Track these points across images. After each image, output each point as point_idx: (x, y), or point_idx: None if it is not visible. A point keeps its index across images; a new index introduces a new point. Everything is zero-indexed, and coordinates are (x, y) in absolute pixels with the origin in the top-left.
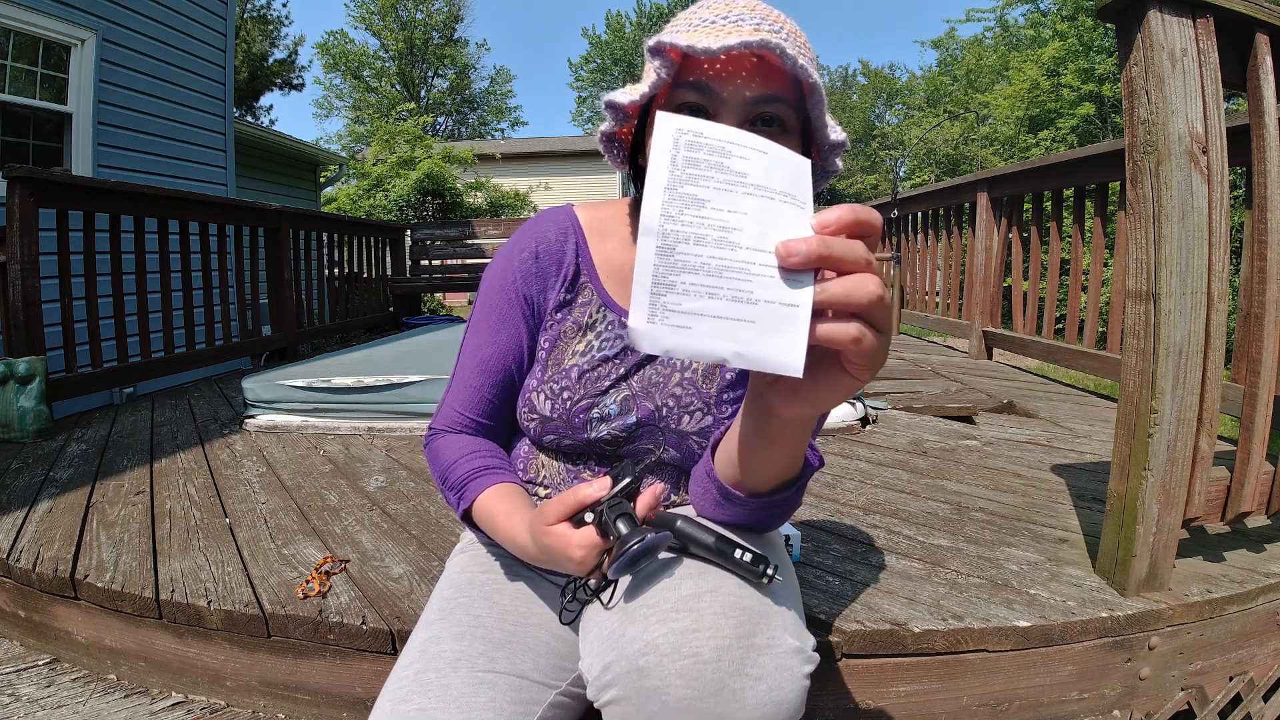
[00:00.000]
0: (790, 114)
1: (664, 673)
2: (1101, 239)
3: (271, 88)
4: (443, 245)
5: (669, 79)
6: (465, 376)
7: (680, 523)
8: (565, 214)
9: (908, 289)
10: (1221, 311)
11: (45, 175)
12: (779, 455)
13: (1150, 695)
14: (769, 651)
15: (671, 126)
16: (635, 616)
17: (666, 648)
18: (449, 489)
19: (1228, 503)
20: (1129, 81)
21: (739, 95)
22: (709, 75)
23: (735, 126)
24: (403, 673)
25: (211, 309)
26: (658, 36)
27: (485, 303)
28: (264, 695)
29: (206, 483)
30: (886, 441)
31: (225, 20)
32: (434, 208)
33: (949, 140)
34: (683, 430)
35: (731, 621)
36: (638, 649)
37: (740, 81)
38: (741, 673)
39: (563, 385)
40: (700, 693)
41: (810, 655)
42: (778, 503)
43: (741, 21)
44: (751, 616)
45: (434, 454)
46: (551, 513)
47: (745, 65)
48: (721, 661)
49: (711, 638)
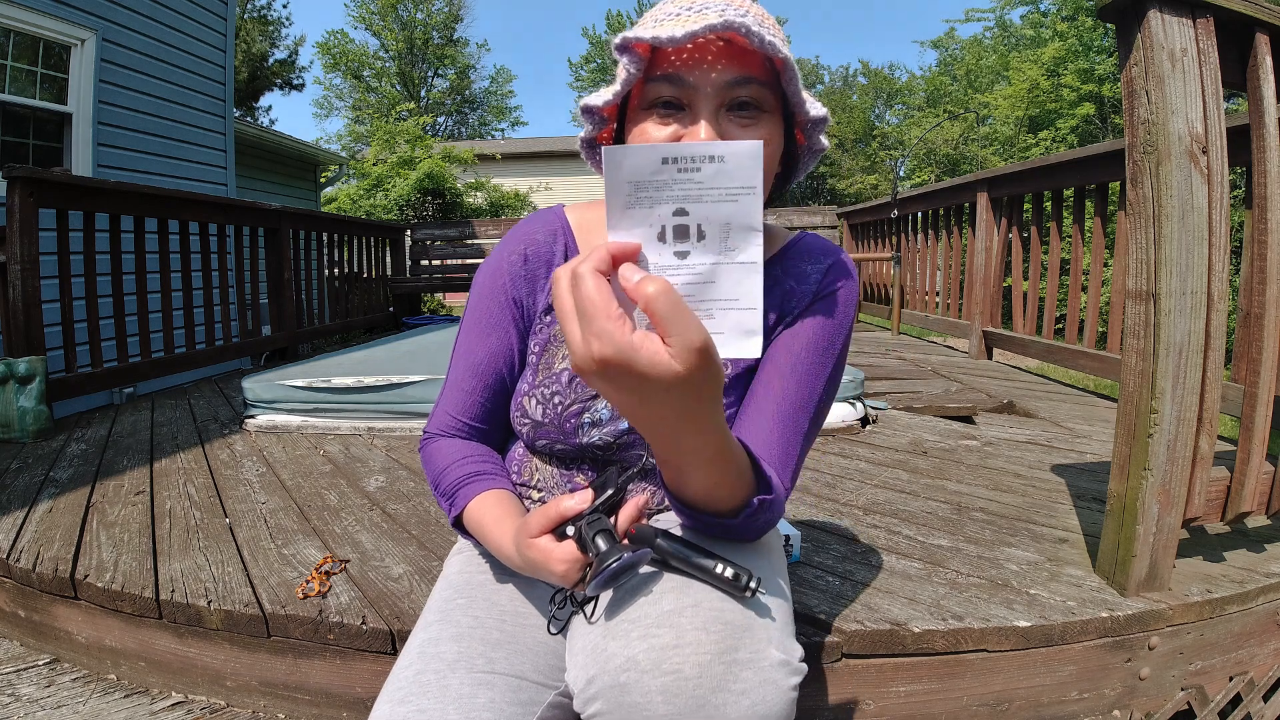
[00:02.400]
0: (766, 94)
1: (645, 689)
2: (1101, 239)
3: (271, 88)
4: (443, 245)
5: (640, 74)
6: (458, 380)
7: (660, 539)
8: (555, 215)
9: (908, 289)
10: (1221, 311)
11: (45, 175)
12: (692, 472)
13: (1150, 695)
14: (752, 666)
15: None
16: (617, 632)
17: (647, 664)
18: (441, 495)
19: (1228, 503)
20: (1129, 81)
21: (711, 81)
22: (678, 66)
23: (713, 114)
24: (402, 674)
25: (211, 309)
26: (623, 34)
27: (476, 305)
28: (264, 695)
29: (206, 483)
30: (886, 441)
31: (225, 20)
32: (434, 208)
33: (949, 140)
34: None
35: (713, 637)
36: (619, 664)
37: (709, 67)
38: (724, 689)
39: (554, 390)
40: (681, 709)
41: (797, 666)
42: (724, 526)
43: (706, 10)
44: (734, 631)
45: (428, 459)
46: (534, 524)
47: (713, 50)
48: (703, 678)
49: (693, 654)
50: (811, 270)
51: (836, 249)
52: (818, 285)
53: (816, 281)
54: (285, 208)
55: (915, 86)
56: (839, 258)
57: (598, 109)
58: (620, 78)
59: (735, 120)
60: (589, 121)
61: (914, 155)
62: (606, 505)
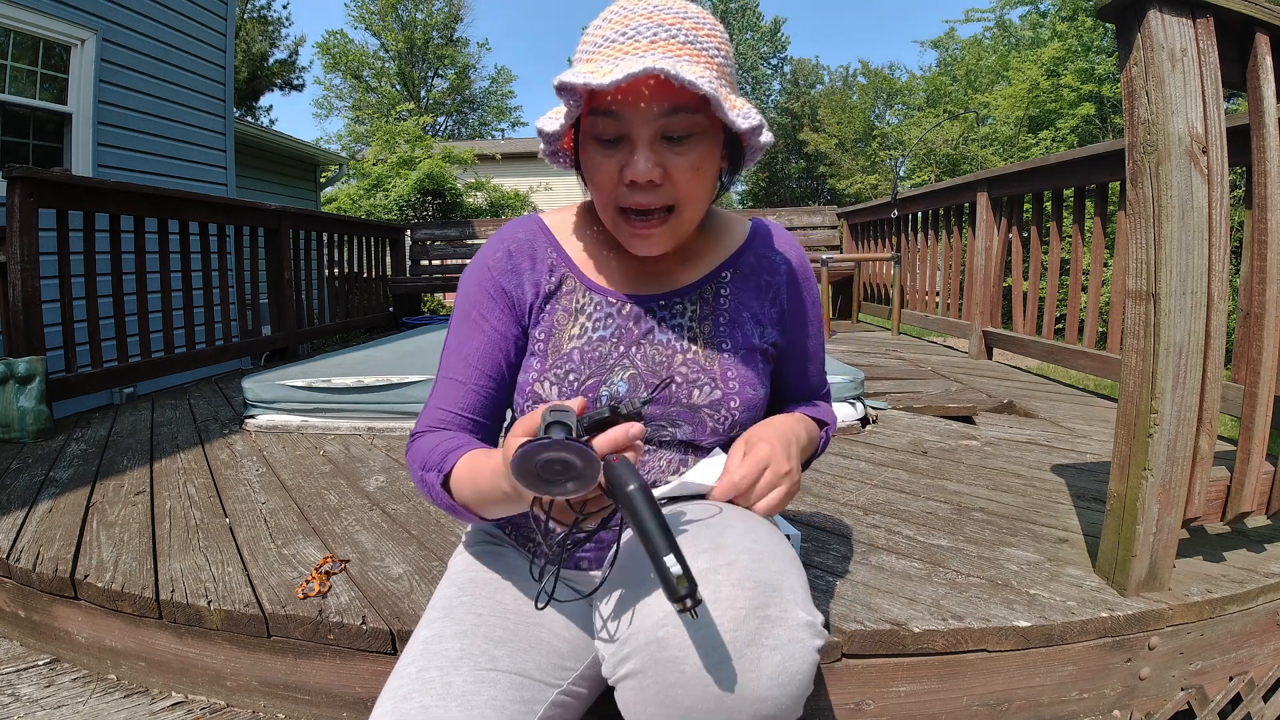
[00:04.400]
0: (698, 119)
1: (682, 643)
2: (1101, 239)
3: (271, 88)
4: (443, 245)
5: (579, 110)
6: (449, 373)
7: (637, 491)
8: (531, 219)
9: (908, 289)
10: (1221, 311)
11: (45, 175)
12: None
13: (1150, 695)
14: (783, 624)
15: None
16: (651, 590)
17: (685, 617)
18: (428, 470)
19: (1228, 503)
20: (1129, 81)
21: (644, 115)
22: (612, 103)
23: (648, 144)
24: (405, 671)
25: (211, 309)
26: (560, 76)
27: (464, 303)
28: (264, 695)
29: (206, 483)
30: (886, 441)
31: (225, 20)
32: (434, 208)
33: (949, 140)
34: (694, 404)
35: (747, 593)
36: (656, 620)
37: (644, 104)
38: (757, 643)
39: (567, 369)
40: (718, 661)
41: (819, 630)
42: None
43: (638, 37)
44: (766, 589)
45: (414, 453)
46: (519, 429)
47: (645, 85)
48: (739, 631)
49: (729, 608)
50: (779, 260)
51: (787, 234)
52: (788, 271)
53: (786, 270)
54: (285, 208)
55: (915, 86)
56: (795, 243)
57: (553, 133)
58: (563, 114)
59: (670, 149)
60: (547, 144)
61: (914, 155)
62: (590, 419)
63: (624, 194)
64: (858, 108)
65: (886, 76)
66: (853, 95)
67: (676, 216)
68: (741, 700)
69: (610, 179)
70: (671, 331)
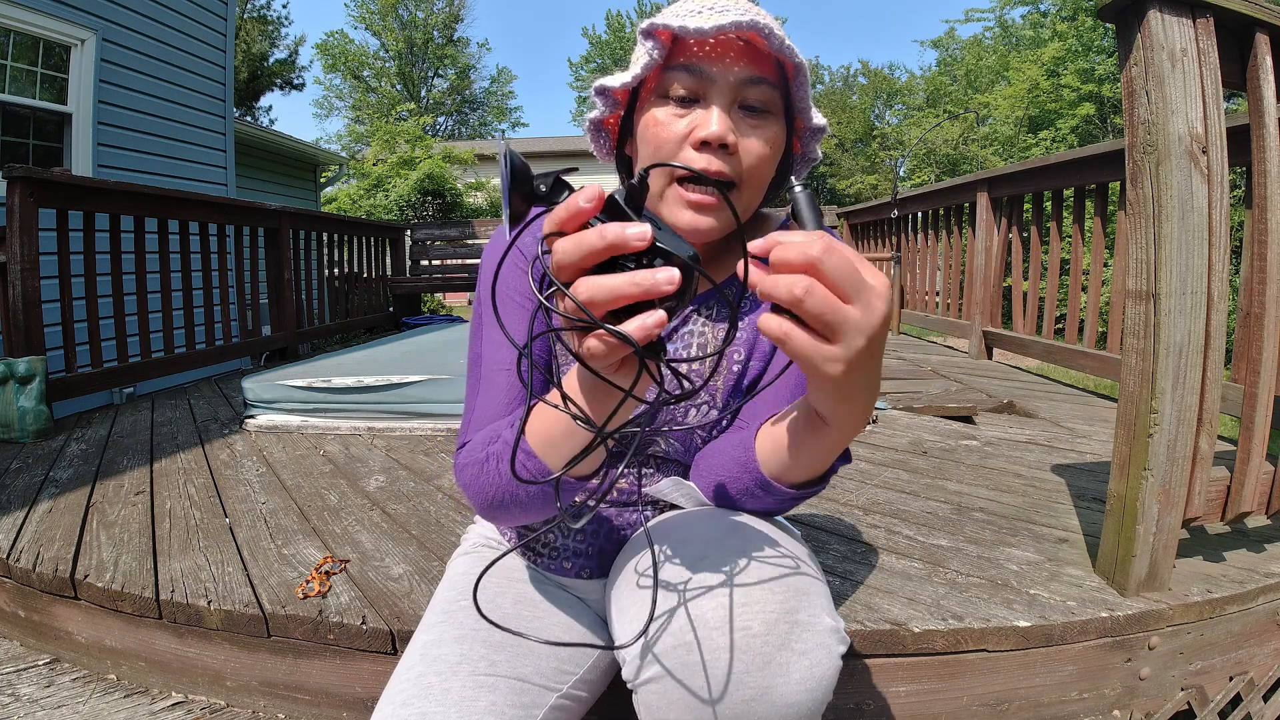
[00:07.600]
0: (774, 97)
1: (713, 646)
2: (1101, 239)
3: (271, 88)
4: (443, 245)
5: (660, 60)
6: (490, 387)
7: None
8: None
9: (908, 289)
10: (1221, 311)
11: (45, 175)
12: (825, 450)
13: (1150, 695)
14: (811, 629)
15: None
16: (675, 591)
17: (716, 620)
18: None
19: (1228, 503)
20: (1129, 81)
21: (728, 76)
22: (699, 57)
23: (726, 107)
24: (404, 675)
25: (211, 309)
26: (649, 20)
27: (488, 307)
28: (264, 695)
29: (206, 483)
30: (886, 441)
31: (225, 20)
32: (434, 208)
33: (949, 140)
34: (689, 423)
35: (778, 597)
36: (683, 623)
37: (729, 62)
38: (787, 647)
39: None
40: (749, 666)
41: (843, 635)
42: (809, 493)
43: (728, 10)
44: (795, 593)
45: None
46: None
47: (733, 48)
48: (770, 634)
49: (760, 611)
50: None
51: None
52: None
53: None
54: (285, 208)
55: (915, 86)
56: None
57: (614, 90)
58: (641, 62)
59: (746, 120)
60: (602, 103)
61: (914, 155)
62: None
63: (688, 155)
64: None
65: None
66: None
67: (735, 196)
68: (770, 706)
69: (675, 138)
70: (680, 340)
